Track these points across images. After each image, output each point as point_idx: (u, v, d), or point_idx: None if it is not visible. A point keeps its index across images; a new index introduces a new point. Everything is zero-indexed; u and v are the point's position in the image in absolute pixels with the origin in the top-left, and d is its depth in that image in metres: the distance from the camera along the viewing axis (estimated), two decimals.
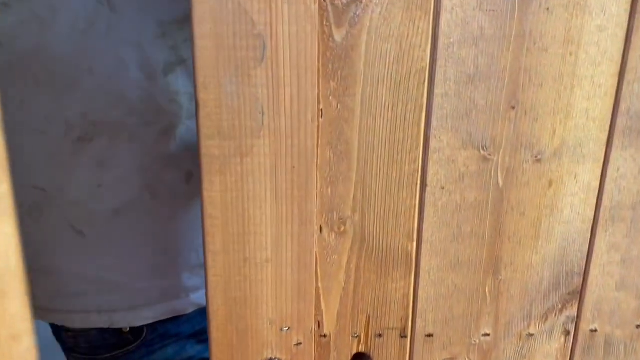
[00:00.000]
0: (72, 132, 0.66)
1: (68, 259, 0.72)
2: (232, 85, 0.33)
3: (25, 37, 0.61)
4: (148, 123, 0.68)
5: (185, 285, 0.76)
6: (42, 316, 0.78)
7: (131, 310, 0.74)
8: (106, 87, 0.65)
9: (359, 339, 0.40)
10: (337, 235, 0.37)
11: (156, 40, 0.67)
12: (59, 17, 0.62)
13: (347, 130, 0.35)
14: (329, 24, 0.33)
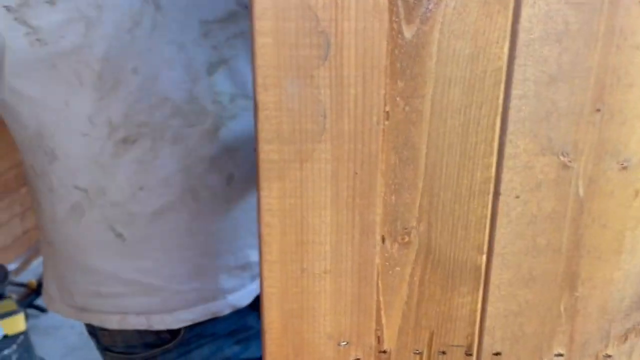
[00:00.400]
0: (115, 133, 0.65)
1: (107, 260, 0.72)
2: (293, 86, 0.31)
3: (70, 37, 0.60)
4: (191, 124, 0.67)
5: (223, 287, 0.75)
6: (79, 316, 0.77)
7: (169, 312, 0.74)
8: (150, 87, 0.64)
9: (420, 356, 0.37)
10: (401, 246, 0.35)
11: (199, 39, 0.66)
12: (105, 16, 0.60)
13: (415, 134, 0.32)
14: (398, 19, 0.30)
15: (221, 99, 0.67)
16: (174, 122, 0.66)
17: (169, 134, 0.66)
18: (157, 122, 0.65)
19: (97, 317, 0.75)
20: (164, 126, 0.66)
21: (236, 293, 0.76)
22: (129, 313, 0.74)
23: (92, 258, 0.72)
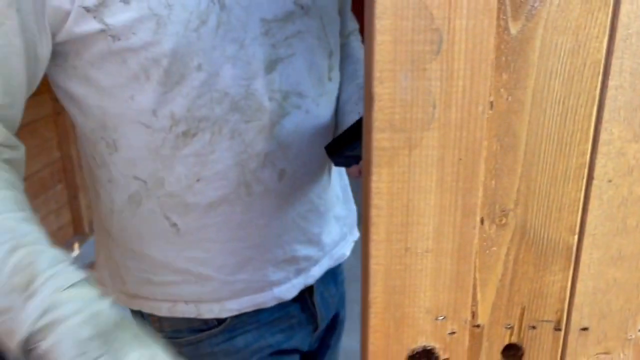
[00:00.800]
0: (177, 126, 0.68)
1: (160, 249, 0.75)
2: (406, 79, 0.34)
3: (141, 33, 0.63)
4: (248, 120, 0.70)
5: (269, 280, 0.78)
6: (129, 303, 0.81)
7: (217, 301, 0.77)
8: (212, 83, 0.67)
9: (511, 330, 0.40)
10: (498, 228, 0.37)
11: (259, 38, 0.69)
12: (175, 15, 0.63)
13: (516, 123, 0.35)
14: (505, 17, 0.33)
15: (277, 97, 0.71)
16: (232, 118, 0.69)
17: (227, 129, 0.69)
18: (216, 117, 0.69)
19: (147, 304, 0.79)
20: (222, 121, 0.69)
21: (282, 286, 0.80)
22: (179, 301, 0.78)
23: (146, 246, 0.76)
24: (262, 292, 0.79)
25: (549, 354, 0.41)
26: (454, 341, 0.40)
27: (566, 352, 0.40)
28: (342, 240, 0.89)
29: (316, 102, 0.76)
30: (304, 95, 0.74)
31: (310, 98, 0.75)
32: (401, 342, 0.40)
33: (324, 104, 0.78)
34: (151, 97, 0.66)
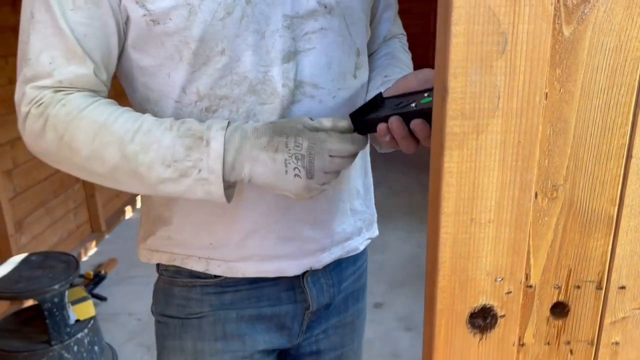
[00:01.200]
0: (201, 102, 0.79)
1: (182, 212, 0.87)
2: (476, 74, 0.40)
3: (175, 20, 0.73)
4: (263, 103, 0.79)
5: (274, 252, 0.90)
6: (150, 257, 0.92)
7: (225, 262, 0.87)
8: (233, 67, 0.76)
9: (559, 290, 0.47)
10: (550, 200, 0.44)
11: (281, 30, 0.76)
12: (204, 5, 0.73)
13: (567, 111, 0.41)
14: (559, 21, 0.39)
15: (289, 84, 0.78)
16: (249, 99, 0.78)
17: (243, 109, 0.79)
18: (235, 97, 0.78)
19: (165, 257, 0.90)
20: (240, 101, 0.78)
21: (287, 261, 0.88)
22: (193, 256, 0.87)
23: (172, 209, 0.85)
24: (266, 261, 0.87)
25: (592, 310, 0.47)
26: (510, 300, 0.46)
27: (606, 309, 0.47)
28: (357, 234, 0.96)
29: (333, 94, 0.83)
30: (319, 86, 0.81)
31: (327, 90, 0.82)
32: (464, 301, 0.46)
33: (343, 98, 0.85)
34: (182, 75, 0.77)
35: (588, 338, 0.48)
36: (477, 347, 0.48)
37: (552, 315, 0.47)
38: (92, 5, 0.72)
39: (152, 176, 0.74)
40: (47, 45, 0.72)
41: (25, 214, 2.74)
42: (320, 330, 0.98)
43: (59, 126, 0.73)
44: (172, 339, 0.93)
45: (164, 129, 0.73)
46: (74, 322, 2.05)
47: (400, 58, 0.94)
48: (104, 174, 0.75)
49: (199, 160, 0.72)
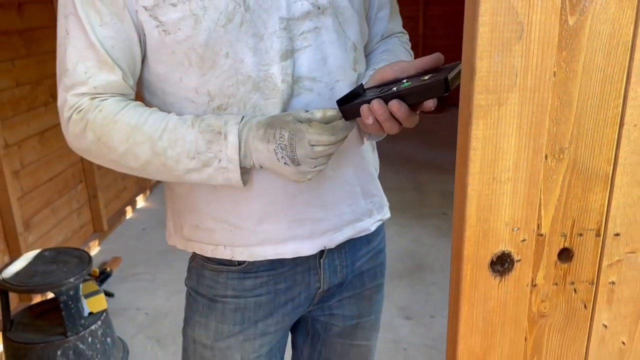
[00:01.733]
0: (212, 102, 0.88)
1: (206, 202, 0.95)
2: (498, 56, 0.49)
3: (184, 29, 0.83)
4: (266, 98, 0.89)
5: (288, 234, 0.97)
6: (186, 245, 1.02)
7: (246, 247, 0.95)
8: (237, 68, 0.86)
9: (565, 238, 0.56)
10: (557, 161, 0.53)
11: (279, 32, 0.86)
12: (208, 15, 0.83)
13: (571, 86, 0.51)
14: (565, 13, 0.49)
15: (289, 80, 0.88)
16: (254, 96, 0.87)
17: (250, 104, 0.88)
18: (241, 95, 0.87)
19: (198, 246, 0.99)
20: (246, 98, 0.88)
21: (301, 242, 0.96)
22: (219, 245, 0.97)
23: (196, 200, 0.95)
24: (282, 243, 0.96)
25: (592, 254, 0.57)
26: (525, 246, 0.56)
27: (604, 253, 0.56)
28: (367, 215, 1.04)
29: (330, 86, 0.92)
30: (317, 80, 0.91)
31: (324, 83, 0.91)
32: (487, 248, 0.56)
33: (340, 89, 0.93)
34: (193, 78, 0.87)
35: (589, 279, 0.57)
36: (497, 288, 0.57)
37: (559, 259, 0.57)
38: (117, 20, 0.83)
39: (180, 167, 0.85)
40: (82, 57, 0.84)
41: (32, 213, 2.80)
42: (334, 301, 1.07)
43: (97, 129, 0.85)
44: (200, 315, 1.02)
45: (187, 126, 0.85)
46: (87, 314, 2.12)
47: (396, 54, 1.02)
48: (137, 167, 0.88)
49: (219, 152, 0.84)
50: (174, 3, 0.82)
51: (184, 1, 0.82)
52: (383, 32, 1.07)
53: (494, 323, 0.58)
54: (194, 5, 0.82)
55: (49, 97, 2.98)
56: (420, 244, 3.34)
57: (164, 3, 0.82)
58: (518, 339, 0.59)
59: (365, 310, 1.11)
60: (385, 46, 1.06)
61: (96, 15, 0.82)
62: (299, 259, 0.98)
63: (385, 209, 1.11)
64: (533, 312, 0.58)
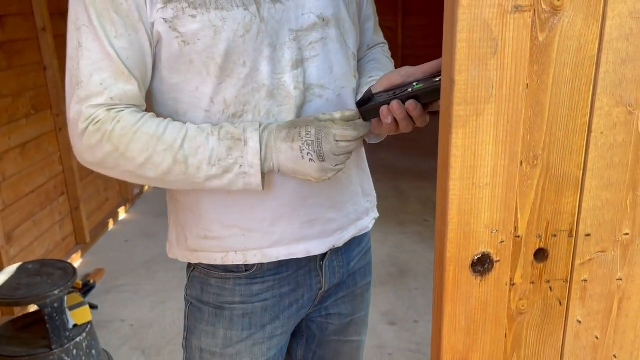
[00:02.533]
0: (228, 109, 0.92)
1: (214, 209, 0.97)
2: (475, 70, 0.53)
3: (203, 39, 0.86)
4: (280, 104, 0.93)
5: (300, 235, 1.01)
6: (190, 257, 1.04)
7: (259, 249, 0.98)
8: (253, 76, 0.90)
9: (540, 239, 0.60)
10: (531, 167, 0.57)
11: (289, 42, 0.90)
12: (227, 25, 0.86)
13: (542, 97, 0.55)
14: (535, 30, 0.53)
15: (300, 87, 0.92)
16: (268, 103, 0.91)
17: (264, 111, 0.92)
18: (256, 102, 0.91)
19: (205, 255, 1.01)
20: (260, 105, 0.91)
21: (312, 242, 1.00)
22: (230, 251, 0.99)
23: (204, 208, 0.97)
24: (294, 244, 0.99)
25: (565, 254, 0.60)
26: (503, 247, 0.59)
27: (576, 252, 0.60)
28: (365, 214, 1.09)
29: (337, 93, 0.97)
30: (325, 87, 0.95)
31: (332, 90, 0.96)
32: (468, 249, 0.59)
33: (345, 95, 0.99)
34: (210, 87, 0.90)
35: (563, 277, 0.61)
36: (478, 287, 0.61)
37: (535, 259, 0.60)
38: (132, 32, 0.85)
39: (200, 174, 0.88)
40: (97, 68, 0.85)
41: (14, 226, 2.78)
42: (331, 301, 1.11)
43: (115, 139, 0.86)
44: (206, 324, 1.04)
45: (206, 134, 0.88)
46: (72, 327, 2.11)
47: (383, 63, 1.09)
48: (156, 177, 0.89)
49: (239, 158, 0.87)
50: (194, 15, 0.85)
51: (204, 12, 0.85)
52: (369, 43, 1.12)
53: (476, 321, 0.62)
54: (213, 17, 0.86)
55: (30, 109, 2.97)
56: (402, 250, 3.38)
57: (183, 15, 0.85)
58: (499, 336, 0.63)
59: (358, 307, 1.15)
60: (371, 56, 1.11)
61: (112, 27, 0.84)
62: (302, 262, 1.02)
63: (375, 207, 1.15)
64: (512, 309, 0.62)
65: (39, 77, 3.07)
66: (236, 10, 0.86)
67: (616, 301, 0.62)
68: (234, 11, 0.86)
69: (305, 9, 0.92)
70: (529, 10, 0.52)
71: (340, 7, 0.96)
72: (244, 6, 0.87)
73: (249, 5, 0.87)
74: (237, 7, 0.86)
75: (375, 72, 1.04)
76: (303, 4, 0.92)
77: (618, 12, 0.52)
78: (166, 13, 0.85)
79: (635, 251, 0.60)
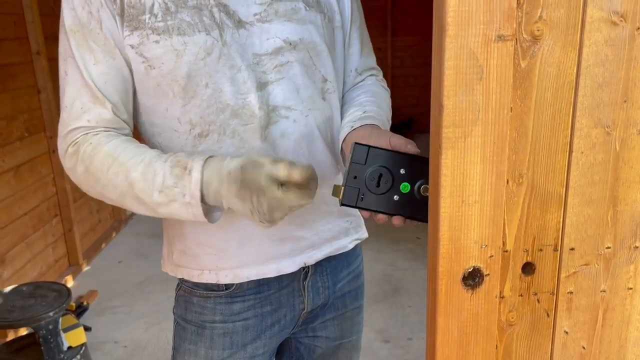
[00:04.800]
0: (194, 129, 0.95)
1: (192, 229, 1.01)
2: (462, 95, 0.57)
3: (167, 63, 0.91)
4: (245, 124, 0.96)
5: (270, 253, 1.04)
6: (175, 271, 1.08)
7: (230, 269, 1.01)
8: (217, 97, 0.93)
9: (527, 253, 0.63)
10: (517, 185, 0.60)
11: (252, 66, 0.94)
12: (188, 49, 0.91)
13: (526, 120, 0.58)
14: (517, 57, 0.56)
15: (265, 108, 0.95)
16: (233, 122, 0.94)
17: (229, 130, 0.95)
18: (221, 121, 0.94)
19: (186, 271, 1.05)
20: (225, 124, 0.95)
21: (283, 261, 1.03)
22: (204, 269, 1.02)
23: (184, 227, 1.00)
24: (265, 263, 1.02)
25: (551, 267, 0.63)
26: (492, 262, 0.62)
27: (562, 266, 0.63)
28: (344, 234, 1.11)
29: (305, 114, 0.99)
30: (292, 108, 0.98)
31: (299, 111, 0.99)
32: (459, 264, 0.62)
33: (314, 116, 1.01)
34: (176, 108, 0.94)
35: (550, 289, 0.64)
36: (469, 300, 0.63)
37: (523, 272, 0.64)
38: (110, 58, 0.91)
39: (149, 200, 0.88)
40: (78, 94, 0.91)
41: (7, 248, 2.78)
42: (318, 322, 1.12)
43: (85, 160, 0.90)
44: (189, 343, 1.06)
45: (162, 161, 0.88)
46: (66, 348, 2.11)
47: (377, 93, 1.10)
48: (116, 199, 0.91)
49: (184, 187, 0.86)
50: (157, 40, 0.90)
51: (166, 38, 0.90)
52: (357, 67, 1.14)
53: (468, 333, 0.65)
54: (175, 42, 0.90)
55: (24, 131, 2.98)
56: (395, 268, 3.41)
57: (148, 40, 0.89)
58: (490, 347, 0.66)
59: (347, 331, 1.16)
60: (365, 87, 1.13)
61: (90, 55, 0.90)
62: (284, 282, 1.03)
63: (362, 228, 1.17)
64: (502, 321, 0.65)
65: (33, 100, 3.09)
66: (197, 35, 0.90)
67: (601, 312, 0.65)
68: (196, 36, 0.91)
69: (270, 33, 0.95)
70: (511, 39, 0.55)
71: (311, 31, 0.98)
72: (206, 31, 0.91)
73: (210, 30, 0.91)
74: (198, 32, 0.90)
75: (370, 105, 1.04)
76: (268, 29, 0.94)
77: (594, 40, 0.56)
78: (132, 39, 0.90)
79: (617, 264, 0.64)
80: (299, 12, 0.96)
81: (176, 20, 0.90)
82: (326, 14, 1.02)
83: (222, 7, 0.92)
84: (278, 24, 0.95)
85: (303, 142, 1.00)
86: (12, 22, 2.94)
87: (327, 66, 1.03)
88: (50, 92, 3.17)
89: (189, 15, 0.90)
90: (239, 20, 0.93)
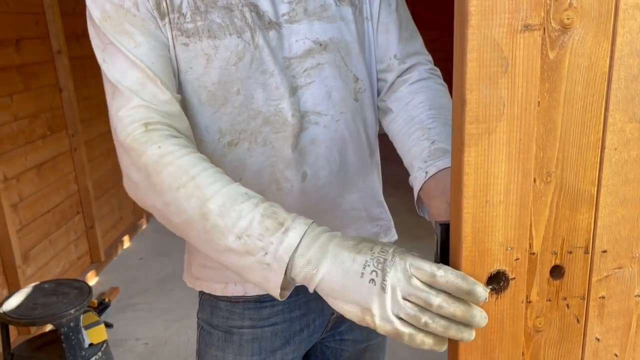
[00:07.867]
0: (223, 138, 0.91)
1: None
2: (486, 89, 0.53)
3: (196, 68, 0.86)
4: (277, 131, 0.92)
5: None
6: (195, 284, 1.03)
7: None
8: (248, 104, 0.89)
9: (555, 255, 0.59)
10: (545, 184, 0.57)
11: (284, 70, 0.90)
12: (219, 54, 0.86)
13: (554, 114, 0.55)
14: (546, 48, 0.53)
15: (297, 114, 0.91)
16: (264, 129, 0.91)
17: (261, 138, 0.91)
18: (252, 129, 0.90)
19: (206, 284, 1.01)
20: (257, 132, 0.91)
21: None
22: (230, 282, 0.98)
23: None
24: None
25: (581, 271, 0.60)
26: (518, 265, 0.59)
27: (593, 269, 0.60)
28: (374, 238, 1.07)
29: (336, 118, 0.95)
30: (322, 113, 0.94)
31: (329, 116, 0.94)
32: (483, 267, 0.59)
33: (346, 120, 0.96)
34: (203, 116, 0.89)
35: (580, 294, 0.61)
36: (494, 305, 0.60)
37: (551, 276, 0.60)
38: (151, 39, 0.83)
39: (220, 241, 0.71)
40: (125, 77, 0.81)
41: (31, 245, 2.81)
42: (345, 327, 1.09)
43: (149, 166, 0.76)
44: (216, 349, 1.03)
45: (252, 203, 0.72)
46: (88, 345, 2.12)
47: (438, 102, 0.96)
48: (178, 224, 0.76)
49: (269, 244, 0.69)
50: (186, 43, 0.85)
51: (196, 41, 0.85)
52: (396, 54, 1.03)
53: (492, 339, 0.61)
54: (205, 45, 0.86)
55: (47, 130, 3.01)
56: None
57: (176, 42, 0.85)
58: (516, 354, 0.62)
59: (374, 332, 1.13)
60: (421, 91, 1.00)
61: (129, 39, 0.81)
62: None
63: (392, 231, 1.13)
64: (529, 327, 0.61)
65: (54, 99, 3.12)
66: (229, 38, 0.86)
67: (635, 318, 0.61)
68: (227, 39, 0.86)
69: (300, 34, 0.90)
70: (539, 29, 0.52)
71: (342, 29, 0.94)
72: (237, 34, 0.86)
73: (242, 33, 0.87)
74: (229, 35, 0.86)
75: (435, 126, 0.90)
76: (297, 30, 0.90)
77: (628, 28, 0.52)
78: None
79: None
80: (329, 9, 0.92)
81: (206, 21, 0.85)
82: (357, 6, 0.97)
83: (252, 7, 0.87)
84: (307, 24, 0.90)
85: (334, 149, 0.96)
86: (34, 22, 2.96)
87: (359, 64, 0.98)
88: (72, 91, 3.19)
89: (220, 16, 0.86)
90: (270, 21, 0.89)
